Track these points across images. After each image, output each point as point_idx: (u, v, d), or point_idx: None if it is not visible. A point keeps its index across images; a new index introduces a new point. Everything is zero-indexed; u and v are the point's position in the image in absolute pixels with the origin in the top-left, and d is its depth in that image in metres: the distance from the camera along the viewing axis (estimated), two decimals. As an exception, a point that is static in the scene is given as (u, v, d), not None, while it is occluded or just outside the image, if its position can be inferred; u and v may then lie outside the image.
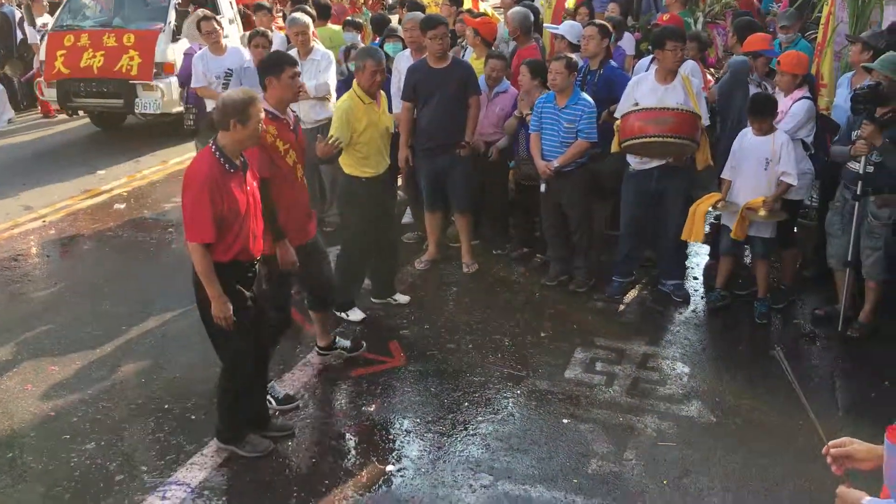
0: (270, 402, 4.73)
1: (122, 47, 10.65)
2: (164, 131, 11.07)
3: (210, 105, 7.67)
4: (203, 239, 3.92)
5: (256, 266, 4.28)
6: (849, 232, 5.41)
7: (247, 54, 7.61)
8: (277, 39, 8.50)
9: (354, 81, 5.59)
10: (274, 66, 4.65)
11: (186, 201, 3.96)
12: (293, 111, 4.94)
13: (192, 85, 8.04)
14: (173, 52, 10.64)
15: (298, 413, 4.75)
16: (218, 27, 7.80)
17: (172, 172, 9.78)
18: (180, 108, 9.72)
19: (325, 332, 5.35)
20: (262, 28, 7.72)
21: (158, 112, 10.75)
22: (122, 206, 8.55)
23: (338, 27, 8.80)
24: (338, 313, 5.85)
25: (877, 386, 5.00)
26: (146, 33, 10.81)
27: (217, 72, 7.70)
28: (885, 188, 5.25)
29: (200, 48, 8.08)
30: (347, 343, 5.42)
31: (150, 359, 5.41)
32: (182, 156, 10.28)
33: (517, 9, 7.70)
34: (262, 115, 4.11)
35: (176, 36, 10.75)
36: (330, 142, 5.43)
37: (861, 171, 5.23)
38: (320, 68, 7.09)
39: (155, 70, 10.57)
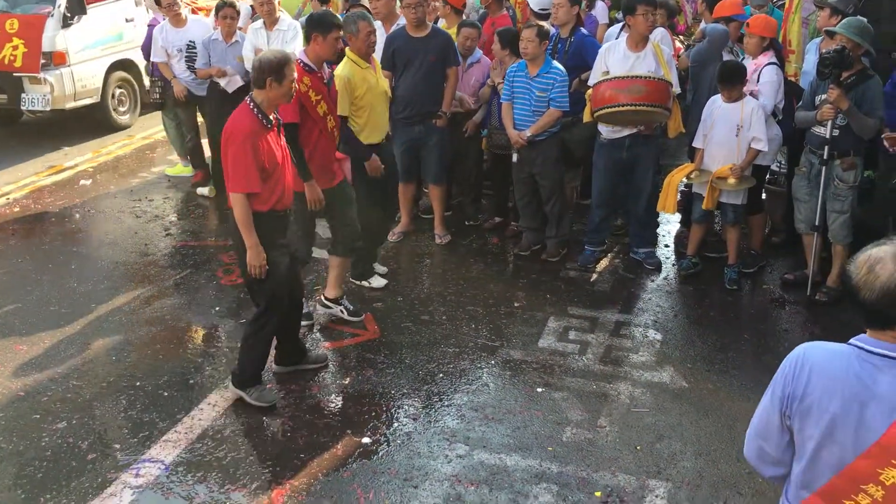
0: (343, 313, 5.35)
1: (4, 35, 9.02)
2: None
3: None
4: (247, 188, 4.18)
5: (290, 215, 4.57)
6: (816, 196, 5.46)
7: (208, 27, 7.47)
8: (244, 12, 8.34)
9: (347, 49, 5.51)
10: (321, 26, 4.94)
11: (230, 154, 4.18)
12: (327, 67, 5.21)
13: (152, 59, 7.91)
14: (64, 40, 9.22)
15: (274, 389, 4.72)
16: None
17: (139, 147, 9.61)
18: (74, 104, 9.39)
19: (338, 283, 5.47)
20: None
21: (48, 109, 9.23)
22: (88, 182, 8.39)
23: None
24: (358, 282, 5.91)
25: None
26: (32, 19, 9.14)
27: (178, 44, 7.56)
28: (851, 151, 5.31)
29: (164, 19, 7.90)
30: (351, 307, 5.51)
31: (120, 336, 5.35)
32: (147, 130, 10.11)
33: None
34: (296, 74, 4.35)
35: (69, 21, 9.23)
36: None
37: (828, 136, 5.27)
38: (286, 39, 6.99)
39: (43, 61, 9.04)
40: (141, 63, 9.60)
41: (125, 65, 10.00)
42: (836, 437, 2.00)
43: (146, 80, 9.36)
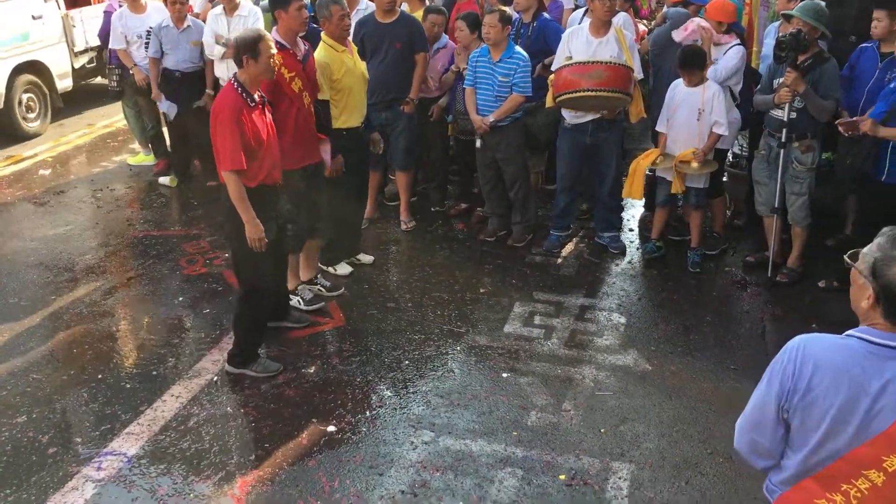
0: (299, 304, 5.34)
1: None
2: (93, 93, 10.62)
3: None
4: (234, 166, 4.26)
5: (278, 190, 4.69)
6: (775, 179, 5.52)
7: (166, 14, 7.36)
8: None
9: (323, 33, 5.48)
10: (282, 1, 4.95)
11: (218, 133, 4.30)
12: (303, 45, 5.20)
13: (111, 46, 7.75)
14: None
15: (239, 379, 4.69)
16: None
17: (100, 136, 9.46)
18: None
19: (309, 264, 5.53)
20: None
21: None
22: (47, 171, 8.25)
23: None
24: (325, 267, 5.90)
25: (804, 329, 5.10)
26: None
27: (138, 31, 7.44)
28: (808, 134, 5.37)
29: (121, 6, 7.75)
30: (328, 283, 5.59)
31: (82, 328, 5.27)
32: (109, 118, 9.94)
33: None
34: (273, 50, 4.40)
35: None
36: None
37: (785, 119, 5.33)
38: (248, 24, 6.89)
39: None
40: (54, 64, 9.24)
41: (34, 67, 9.08)
42: (842, 429, 1.99)
43: (59, 84, 9.13)
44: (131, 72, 7.66)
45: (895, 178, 5.14)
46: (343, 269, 5.94)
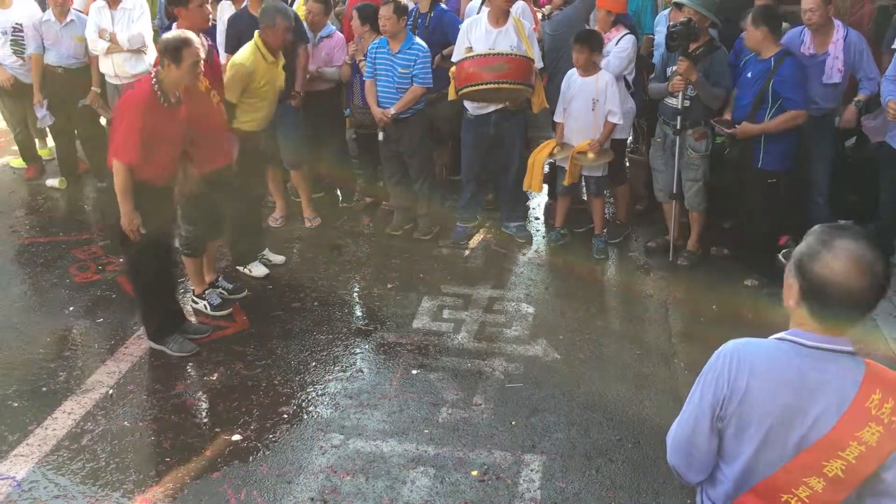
0: (206, 308, 5.23)
1: None
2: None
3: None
4: (126, 160, 4.27)
5: (167, 189, 4.66)
6: (671, 166, 5.64)
7: (36, 8, 6.96)
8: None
9: (257, 36, 5.29)
10: None
11: (119, 123, 4.31)
12: (208, 40, 5.06)
13: None
14: None
15: (136, 390, 4.48)
16: None
17: (-22, 137, 8.90)
18: None
19: (210, 267, 5.41)
20: None
21: None
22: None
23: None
24: (240, 268, 5.75)
25: (706, 310, 5.28)
26: None
27: (2, 26, 6.99)
28: (701, 121, 5.50)
29: None
30: (229, 285, 5.45)
31: (-38, 345, 4.93)
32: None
33: None
34: (199, 57, 4.36)
35: None
36: None
37: (679, 107, 5.43)
38: (133, 17, 6.58)
39: None
40: None
41: None
42: (780, 438, 1.95)
43: None
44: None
45: (769, 164, 5.32)
46: (259, 269, 5.77)
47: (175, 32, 4.51)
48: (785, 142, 5.25)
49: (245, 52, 5.31)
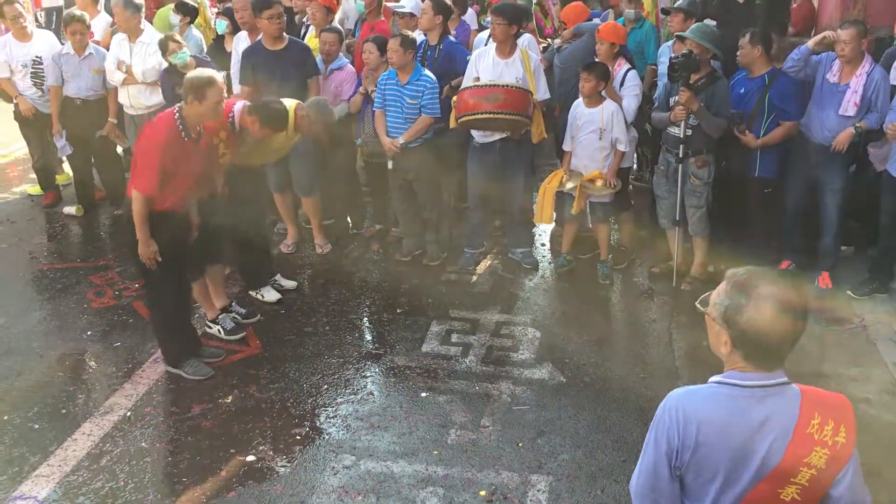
0: (219, 333, 5.34)
1: None
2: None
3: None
4: (145, 191, 4.43)
5: (184, 215, 4.79)
6: (674, 193, 5.78)
7: (55, 41, 7.18)
8: (103, 22, 8.05)
9: (293, 112, 5.25)
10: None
11: (140, 153, 4.50)
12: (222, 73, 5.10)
13: None
14: None
15: (153, 412, 4.60)
16: (24, 11, 7.28)
17: (-3, 166, 9.13)
18: None
19: (219, 293, 5.50)
20: (79, 12, 7.22)
21: None
22: (-59, 205, 7.90)
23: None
24: (253, 293, 5.88)
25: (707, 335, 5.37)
26: None
27: (23, 59, 7.22)
28: (703, 149, 5.64)
29: (9, 32, 7.50)
30: (243, 310, 5.56)
31: (-16, 369, 5.07)
32: (8, 147, 9.58)
33: None
34: (223, 96, 4.53)
35: None
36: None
37: (681, 136, 5.58)
38: (149, 51, 6.77)
39: None
40: None
41: None
42: (739, 475, 2.03)
43: None
44: (15, 101, 7.42)
45: (766, 172, 5.74)
46: (271, 294, 5.90)
47: (199, 71, 4.67)
48: (778, 150, 5.74)
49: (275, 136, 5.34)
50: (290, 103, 5.28)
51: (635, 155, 6.71)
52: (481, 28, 8.10)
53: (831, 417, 2.02)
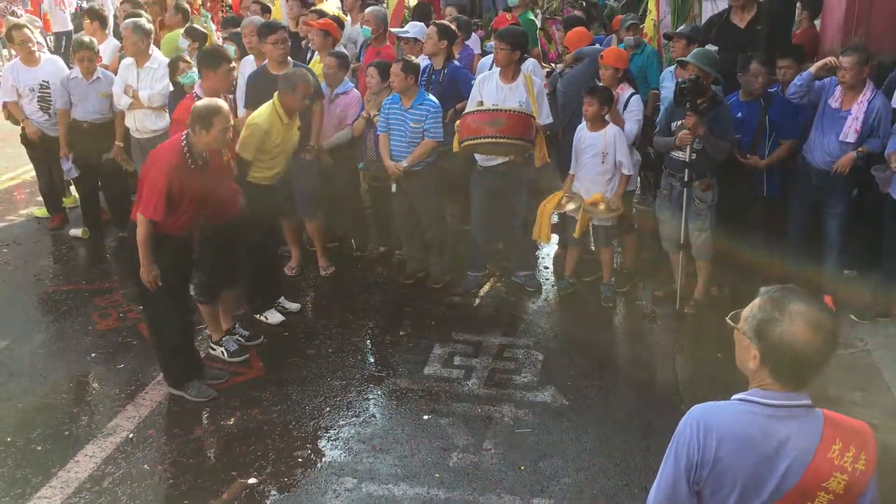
0: (223, 355, 5.38)
1: None
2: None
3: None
4: (151, 216, 4.48)
5: (186, 239, 4.85)
6: (678, 216, 5.79)
7: (62, 65, 7.26)
8: (111, 46, 8.14)
9: (276, 97, 5.51)
10: (211, 60, 5.24)
11: (147, 179, 4.52)
12: (230, 97, 5.45)
13: (0, 98, 7.56)
14: None
15: (156, 434, 4.61)
16: (32, 35, 7.38)
17: (5, 189, 9.18)
18: None
19: (226, 315, 5.54)
20: (88, 38, 7.31)
21: None
22: (-51, 227, 7.96)
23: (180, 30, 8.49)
24: (257, 316, 5.91)
25: (712, 358, 5.37)
26: None
27: (30, 83, 7.31)
28: (707, 173, 5.67)
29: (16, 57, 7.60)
30: (246, 332, 5.59)
31: (-12, 390, 5.09)
32: (15, 170, 9.67)
33: (377, 8, 7.74)
34: (229, 124, 4.60)
35: None
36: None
37: (686, 160, 5.61)
38: (156, 77, 6.86)
39: None
40: None
41: None
42: (754, 493, 2.04)
43: None
44: (22, 125, 7.50)
45: (773, 189, 5.85)
46: (275, 317, 5.93)
47: (206, 101, 4.71)
48: (780, 169, 5.85)
49: (262, 113, 5.52)
50: (271, 100, 5.56)
51: (638, 178, 6.73)
52: (484, 53, 8.16)
53: (852, 444, 2.03)
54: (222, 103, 4.66)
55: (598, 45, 6.61)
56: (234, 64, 5.19)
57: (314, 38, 7.00)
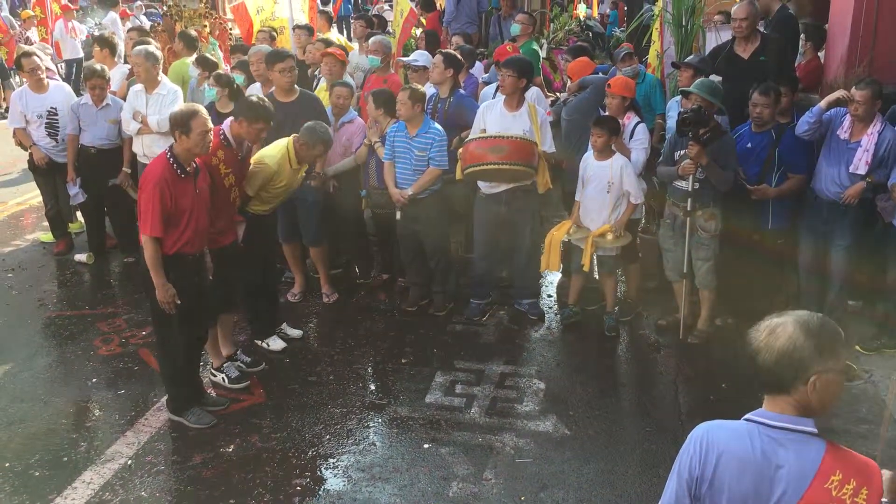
0: (224, 381, 5.37)
1: None
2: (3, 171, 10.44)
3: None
4: (152, 233, 4.51)
5: (199, 258, 4.90)
6: (681, 245, 5.78)
7: (70, 92, 7.34)
8: (119, 73, 8.22)
9: (291, 143, 5.55)
10: (251, 112, 5.11)
11: (141, 199, 4.56)
12: (248, 145, 5.37)
13: (8, 124, 7.64)
14: None
15: (154, 461, 4.58)
16: (41, 63, 7.47)
17: (12, 214, 9.23)
18: None
19: (227, 341, 5.55)
20: (100, 66, 7.39)
21: None
22: (-45, 251, 7.99)
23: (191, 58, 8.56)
24: (258, 342, 5.91)
25: (715, 388, 5.35)
26: None
27: (38, 110, 7.39)
28: (710, 202, 5.66)
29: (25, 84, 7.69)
30: (248, 358, 5.59)
31: (-12, 415, 5.08)
32: (22, 196, 9.73)
33: (383, 37, 7.82)
34: (208, 127, 4.61)
35: None
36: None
37: (689, 189, 5.61)
38: (165, 103, 6.91)
39: None
40: None
41: None
42: None
43: None
44: (29, 151, 7.56)
45: (778, 224, 5.78)
46: (276, 343, 5.92)
47: (183, 106, 4.82)
48: (788, 202, 5.81)
49: (275, 154, 5.52)
50: (285, 140, 5.57)
51: (643, 207, 6.72)
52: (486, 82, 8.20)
53: (854, 477, 1.99)
54: (199, 107, 4.70)
55: (601, 74, 6.64)
56: (272, 124, 5.25)
57: (332, 66, 6.98)
